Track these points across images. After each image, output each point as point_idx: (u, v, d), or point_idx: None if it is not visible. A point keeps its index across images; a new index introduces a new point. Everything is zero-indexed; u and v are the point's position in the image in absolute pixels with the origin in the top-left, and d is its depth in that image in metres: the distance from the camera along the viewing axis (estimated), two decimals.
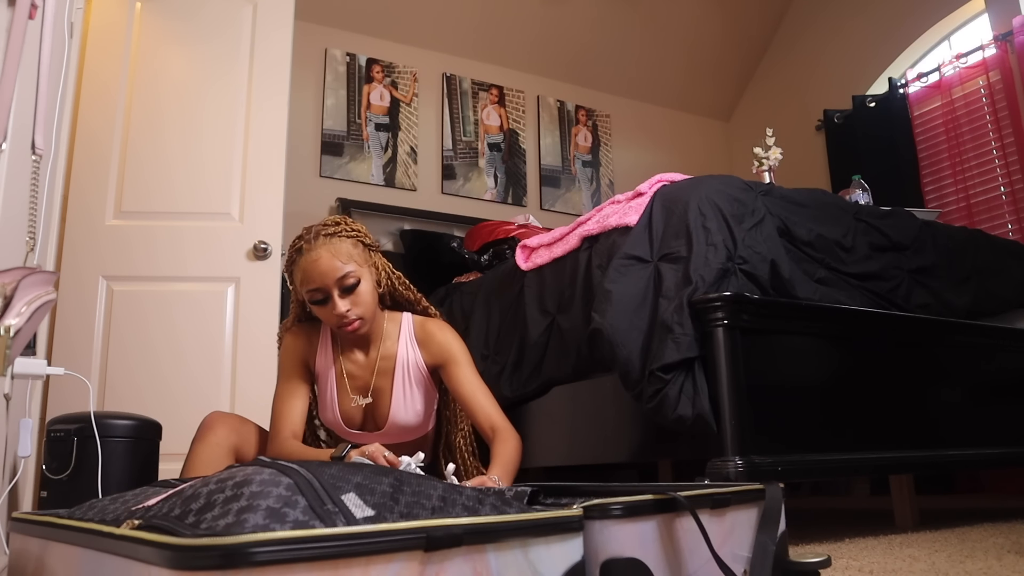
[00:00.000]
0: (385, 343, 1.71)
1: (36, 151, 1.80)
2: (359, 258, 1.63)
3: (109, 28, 2.71)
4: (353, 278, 1.59)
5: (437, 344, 1.70)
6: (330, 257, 1.58)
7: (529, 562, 0.74)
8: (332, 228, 1.63)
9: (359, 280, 1.60)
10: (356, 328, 1.61)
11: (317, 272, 1.58)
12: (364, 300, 1.61)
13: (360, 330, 1.63)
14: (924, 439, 1.98)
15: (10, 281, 1.33)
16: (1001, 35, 3.84)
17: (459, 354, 1.69)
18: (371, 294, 1.64)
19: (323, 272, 1.58)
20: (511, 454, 1.55)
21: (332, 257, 1.58)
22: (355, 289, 1.60)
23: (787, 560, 1.00)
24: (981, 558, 1.44)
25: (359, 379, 1.72)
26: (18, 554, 1.08)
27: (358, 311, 1.60)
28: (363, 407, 1.72)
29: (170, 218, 2.61)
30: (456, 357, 1.69)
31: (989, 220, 3.89)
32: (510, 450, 1.56)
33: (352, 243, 1.63)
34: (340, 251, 1.60)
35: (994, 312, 2.46)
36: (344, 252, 1.60)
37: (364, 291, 1.61)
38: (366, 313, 1.62)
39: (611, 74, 5.09)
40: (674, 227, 1.88)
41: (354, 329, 1.61)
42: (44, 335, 2.36)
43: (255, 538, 0.59)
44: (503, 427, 1.61)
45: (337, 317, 1.60)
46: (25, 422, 1.73)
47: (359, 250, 1.64)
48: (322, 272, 1.58)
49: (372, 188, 4.19)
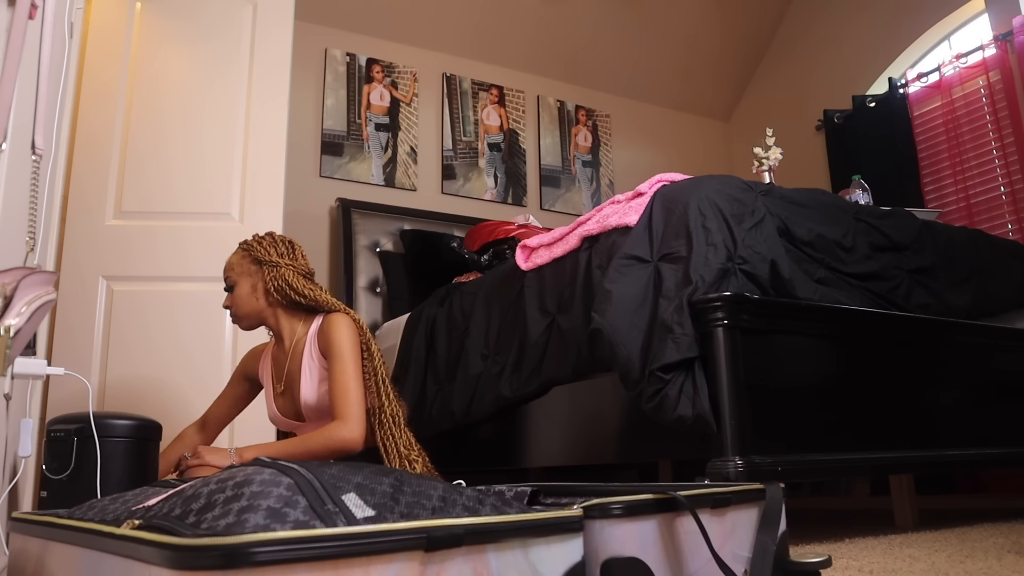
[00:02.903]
0: (296, 338, 1.98)
1: (36, 151, 1.80)
2: (240, 268, 2.00)
3: (109, 28, 2.71)
4: (230, 280, 2.00)
5: (324, 336, 1.92)
6: (226, 265, 2.02)
7: (529, 562, 0.74)
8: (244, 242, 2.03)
9: (234, 284, 1.99)
10: (234, 320, 2.01)
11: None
12: (236, 301, 1.99)
13: (238, 323, 2.01)
14: (924, 439, 1.98)
15: (10, 281, 1.33)
16: (1001, 35, 3.84)
17: (337, 347, 1.88)
18: (243, 296, 1.99)
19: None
20: (300, 441, 1.78)
21: (226, 266, 2.02)
22: (231, 291, 2.00)
23: (787, 560, 1.00)
24: (981, 558, 1.44)
25: (279, 369, 2.02)
26: (18, 554, 1.08)
27: (232, 308, 2.00)
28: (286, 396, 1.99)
29: (170, 218, 2.61)
30: (333, 351, 1.88)
31: (989, 220, 3.89)
32: (307, 439, 1.78)
33: (239, 256, 2.01)
34: (232, 262, 2.01)
35: (994, 312, 2.46)
36: (234, 259, 2.01)
37: (237, 293, 1.99)
38: (237, 310, 1.99)
39: (611, 74, 5.09)
40: (674, 227, 1.88)
41: (235, 321, 2.02)
42: (44, 335, 2.36)
43: (256, 538, 0.59)
44: (333, 421, 1.80)
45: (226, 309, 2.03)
46: (25, 422, 1.73)
47: (245, 262, 2.00)
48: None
49: (372, 188, 4.19)
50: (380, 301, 3.87)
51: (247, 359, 2.14)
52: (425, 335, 2.83)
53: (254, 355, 2.13)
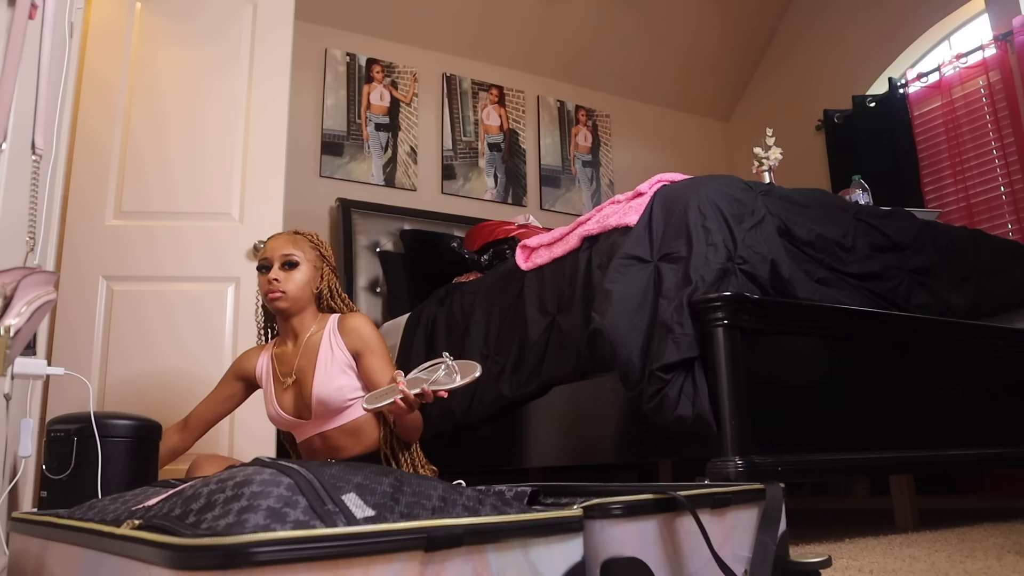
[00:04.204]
0: (311, 335, 1.97)
1: (36, 151, 1.80)
2: (308, 255, 1.96)
3: (109, 28, 2.71)
4: (295, 259, 1.93)
5: (356, 331, 1.92)
6: (288, 241, 1.96)
7: (529, 562, 0.74)
8: (303, 233, 2.02)
9: (298, 264, 1.93)
10: (276, 297, 1.91)
11: (272, 245, 1.96)
12: (294, 280, 1.92)
13: (279, 301, 1.91)
14: (924, 439, 1.98)
15: (10, 281, 1.33)
16: (1001, 35, 3.84)
17: (373, 344, 1.92)
18: (303, 281, 1.94)
19: (274, 246, 1.95)
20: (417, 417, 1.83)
21: (289, 242, 1.95)
22: (292, 269, 1.92)
23: (787, 560, 1.00)
24: (981, 558, 1.44)
25: (286, 364, 1.97)
26: (18, 554, 1.08)
27: (285, 285, 1.91)
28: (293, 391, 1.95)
29: (170, 218, 2.61)
30: (370, 346, 1.91)
31: (989, 220, 3.89)
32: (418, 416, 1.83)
33: (310, 245, 1.99)
34: (298, 242, 1.97)
35: (994, 312, 2.46)
36: (301, 244, 1.97)
37: (297, 275, 1.93)
38: (290, 290, 1.91)
39: (611, 74, 5.09)
40: (674, 227, 1.88)
41: (275, 297, 1.91)
42: (44, 335, 2.35)
43: (256, 538, 0.59)
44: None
45: (267, 282, 1.92)
46: (25, 422, 1.73)
47: (313, 253, 1.99)
48: (273, 246, 1.95)
49: (372, 188, 4.19)
50: (380, 301, 3.87)
51: (241, 360, 2.11)
52: (425, 335, 2.83)
53: (248, 355, 2.11)
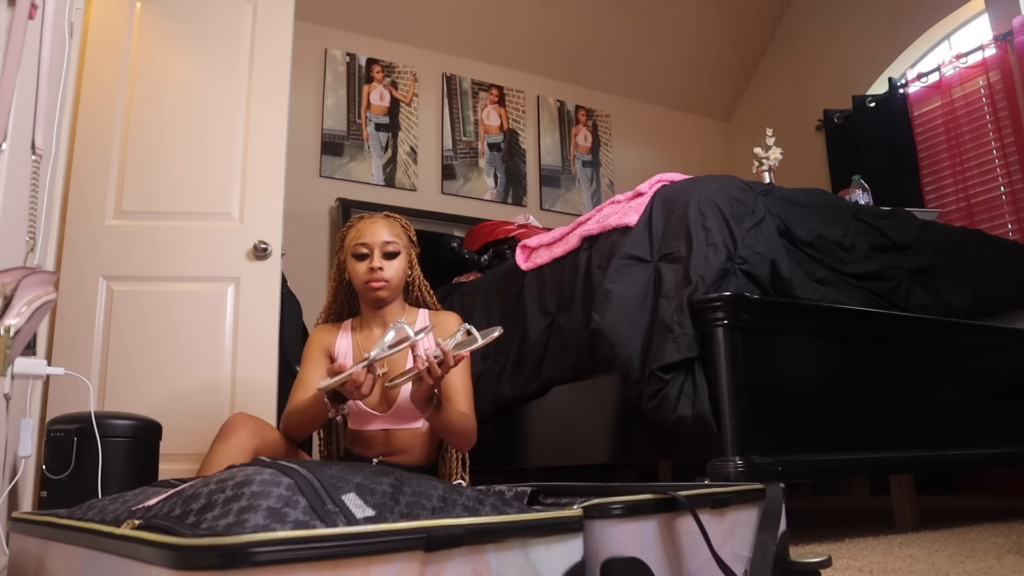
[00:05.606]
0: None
1: (36, 151, 1.80)
2: (404, 241, 1.94)
3: (109, 28, 2.71)
4: (395, 247, 1.89)
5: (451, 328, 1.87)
6: (385, 226, 1.91)
7: (529, 562, 0.74)
8: (393, 215, 1.98)
9: (398, 252, 1.90)
10: (380, 287, 1.86)
11: (371, 230, 1.90)
12: (395, 269, 1.89)
13: (381, 291, 1.86)
14: (924, 439, 1.98)
15: (10, 281, 1.33)
16: (1001, 35, 3.84)
17: None
18: (402, 270, 1.91)
19: (375, 231, 1.90)
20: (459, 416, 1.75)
21: (387, 227, 1.91)
22: (393, 257, 1.89)
23: (787, 560, 1.00)
24: (981, 558, 1.44)
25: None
26: (18, 554, 1.08)
27: (387, 274, 1.87)
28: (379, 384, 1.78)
29: (170, 218, 2.61)
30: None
31: (989, 220, 3.89)
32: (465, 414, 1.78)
33: (403, 229, 1.96)
34: (394, 226, 1.93)
35: (994, 312, 2.46)
36: (396, 229, 1.93)
37: (397, 264, 1.89)
38: (392, 279, 1.88)
39: (611, 74, 5.09)
40: (674, 227, 1.88)
41: (378, 287, 1.86)
42: (44, 335, 2.36)
43: (256, 538, 0.59)
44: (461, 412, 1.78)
45: (368, 271, 1.87)
46: (25, 422, 1.73)
47: (406, 237, 1.96)
48: (374, 231, 1.90)
49: (372, 188, 4.19)
50: None
51: (320, 336, 1.95)
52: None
53: (323, 332, 1.96)
